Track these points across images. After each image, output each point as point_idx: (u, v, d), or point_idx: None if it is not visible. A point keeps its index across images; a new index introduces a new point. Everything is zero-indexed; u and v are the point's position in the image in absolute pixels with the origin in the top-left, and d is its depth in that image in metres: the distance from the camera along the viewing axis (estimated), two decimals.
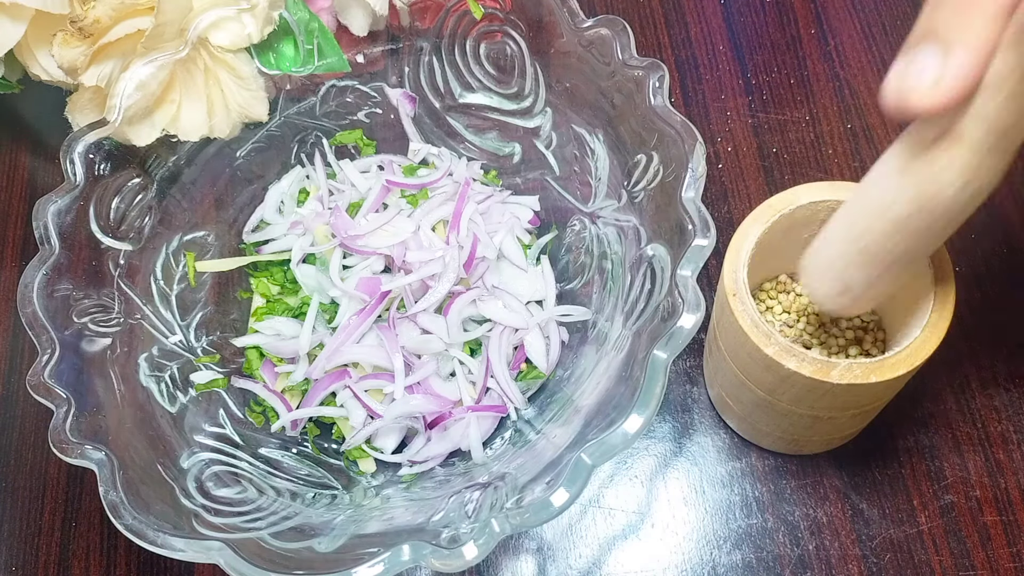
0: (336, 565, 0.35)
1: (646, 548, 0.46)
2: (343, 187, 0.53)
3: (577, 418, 0.41)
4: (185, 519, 0.38)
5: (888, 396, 0.41)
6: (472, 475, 0.43)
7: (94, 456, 0.37)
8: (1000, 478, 0.46)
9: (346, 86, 0.53)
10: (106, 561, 0.48)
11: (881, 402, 0.42)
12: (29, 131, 0.61)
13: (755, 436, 0.47)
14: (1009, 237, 0.52)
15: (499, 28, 0.49)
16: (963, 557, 0.45)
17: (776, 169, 0.55)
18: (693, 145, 0.40)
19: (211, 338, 0.49)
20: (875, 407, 0.42)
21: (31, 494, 0.50)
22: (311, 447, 0.48)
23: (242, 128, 0.50)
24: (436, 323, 0.47)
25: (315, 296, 0.50)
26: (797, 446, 0.46)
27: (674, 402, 0.49)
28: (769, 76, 0.58)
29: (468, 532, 0.35)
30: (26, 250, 0.57)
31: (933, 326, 0.37)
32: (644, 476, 0.48)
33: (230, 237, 0.52)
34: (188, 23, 0.45)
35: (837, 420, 0.41)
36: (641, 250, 0.43)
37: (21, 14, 0.49)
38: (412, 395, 0.47)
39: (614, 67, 0.43)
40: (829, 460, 0.47)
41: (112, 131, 0.44)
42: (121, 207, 0.46)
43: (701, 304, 0.37)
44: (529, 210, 0.52)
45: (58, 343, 0.40)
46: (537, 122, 0.50)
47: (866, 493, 0.46)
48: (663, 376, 0.36)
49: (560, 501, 0.35)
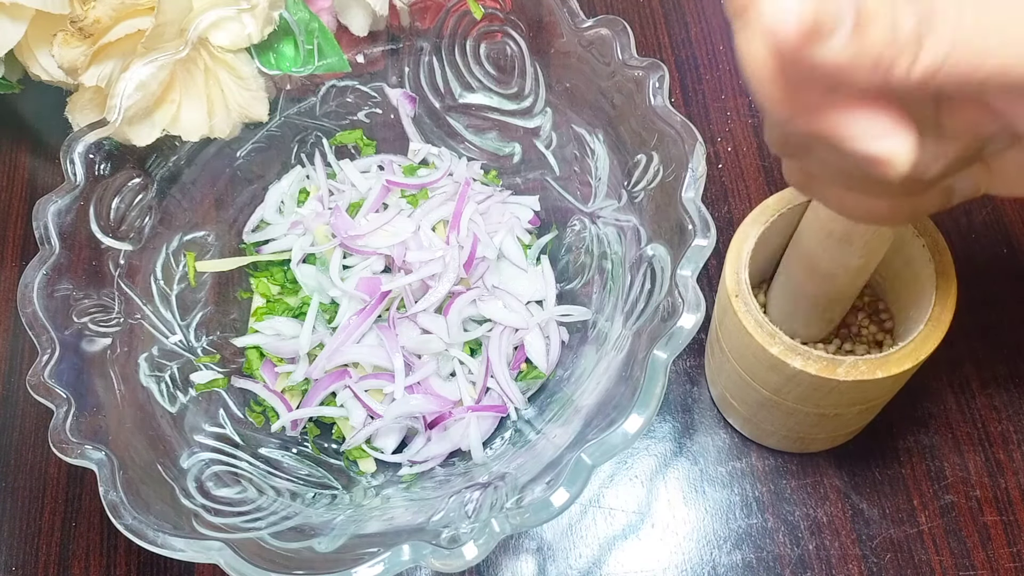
0: (336, 565, 0.35)
1: (646, 548, 0.46)
2: (343, 187, 0.53)
3: (577, 418, 0.41)
4: (185, 519, 0.38)
5: (894, 390, 0.41)
6: (472, 475, 0.44)
7: (94, 456, 0.37)
8: (1000, 478, 0.46)
9: (346, 86, 0.53)
10: (106, 561, 0.48)
11: (886, 397, 0.42)
12: (29, 131, 0.61)
13: (759, 435, 0.47)
14: (1009, 237, 0.52)
15: (499, 28, 0.49)
16: (963, 557, 0.45)
17: (776, 169, 0.55)
18: (693, 145, 0.40)
19: (211, 338, 0.49)
20: (880, 402, 0.42)
21: (31, 494, 0.50)
22: (311, 447, 0.48)
23: (242, 128, 0.50)
24: (436, 323, 0.47)
25: (315, 296, 0.50)
26: (802, 444, 0.46)
27: (674, 402, 0.49)
28: None
29: (468, 532, 0.35)
30: (26, 250, 0.57)
31: (936, 319, 0.37)
32: (644, 476, 0.48)
33: (230, 237, 0.52)
34: (188, 23, 0.45)
35: (843, 416, 0.41)
36: (641, 250, 0.43)
37: (21, 14, 0.49)
38: (412, 395, 0.47)
39: (614, 67, 0.43)
40: (829, 460, 0.47)
41: (112, 131, 0.44)
42: (121, 207, 0.46)
43: (701, 304, 0.37)
44: (529, 210, 0.52)
45: (58, 343, 0.40)
46: (537, 122, 0.50)
47: (866, 493, 0.46)
48: (663, 376, 0.36)
49: (560, 501, 0.35)
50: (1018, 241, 0.52)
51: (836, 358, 0.37)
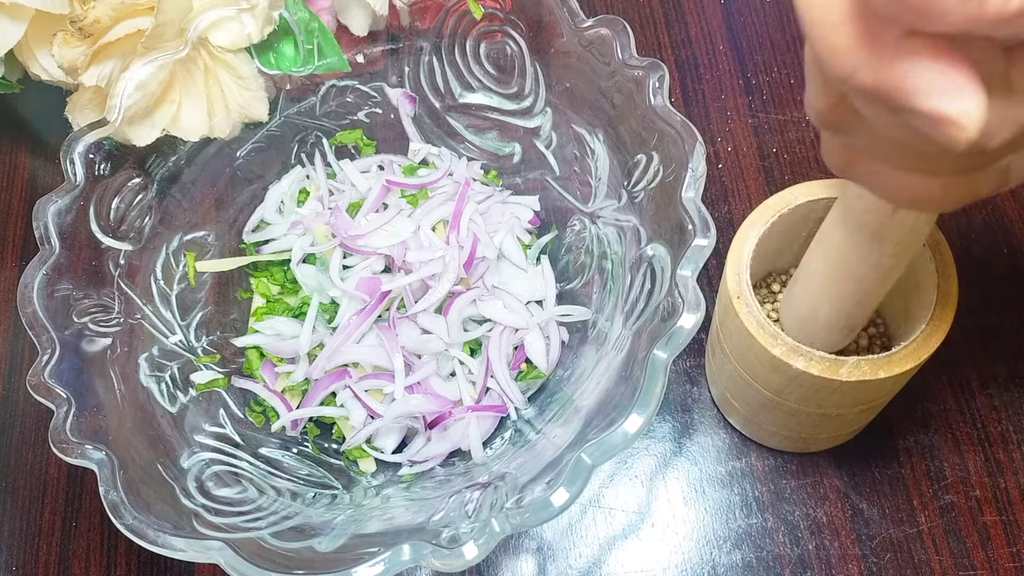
0: (336, 565, 0.35)
1: (646, 548, 0.46)
2: (343, 187, 0.53)
3: (577, 418, 0.41)
4: (185, 519, 0.38)
5: (895, 390, 0.41)
6: (472, 475, 0.44)
7: (94, 456, 0.37)
8: (1000, 478, 0.46)
9: (346, 86, 0.53)
10: (106, 561, 0.48)
11: (887, 397, 0.42)
12: (29, 131, 0.61)
13: (761, 436, 0.47)
14: (1009, 237, 0.52)
15: (499, 28, 0.49)
16: (963, 557, 0.45)
17: (776, 169, 0.55)
18: (693, 145, 0.40)
19: (211, 338, 0.49)
20: (881, 402, 0.42)
21: (31, 494, 0.50)
22: (311, 447, 0.48)
23: (242, 128, 0.50)
24: (436, 323, 0.47)
25: (315, 296, 0.50)
26: (804, 444, 0.46)
27: (674, 402, 0.49)
28: (769, 76, 0.58)
29: (468, 532, 0.35)
30: (26, 250, 0.57)
31: (938, 319, 0.37)
32: (644, 476, 0.48)
33: (230, 237, 0.52)
34: (188, 23, 0.45)
35: (844, 416, 0.41)
36: (641, 250, 0.43)
37: (21, 14, 0.49)
38: (412, 395, 0.47)
39: (614, 67, 0.43)
40: (829, 460, 0.47)
41: (112, 131, 0.44)
42: (121, 207, 0.46)
43: (701, 304, 0.37)
44: (529, 210, 0.52)
45: (58, 343, 0.40)
46: (537, 122, 0.50)
47: (866, 493, 0.46)
48: (663, 376, 0.36)
49: (560, 501, 0.35)
50: (1018, 241, 0.52)
51: (839, 359, 0.37)
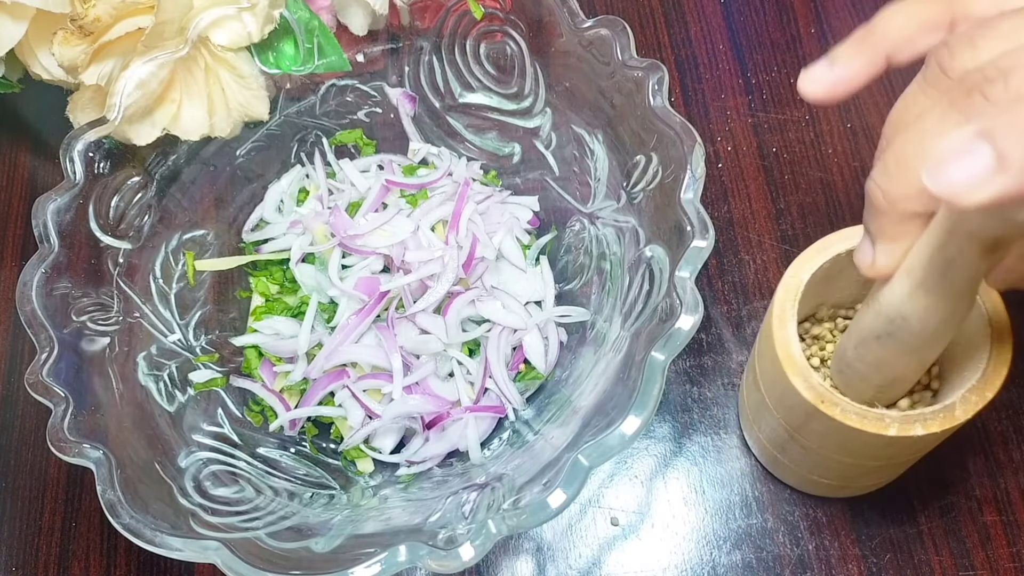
0: (333, 565, 0.35)
1: (646, 548, 0.46)
2: (343, 187, 0.53)
3: (575, 419, 0.41)
4: (183, 518, 0.38)
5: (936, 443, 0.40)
6: (470, 476, 0.44)
7: (92, 455, 0.37)
8: (1000, 478, 0.46)
9: (346, 85, 0.53)
10: (106, 561, 0.48)
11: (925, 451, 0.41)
12: (29, 131, 0.61)
13: (804, 484, 0.46)
14: None
15: (499, 28, 0.49)
16: (963, 557, 0.45)
17: (776, 168, 0.55)
18: (692, 146, 0.40)
19: (210, 337, 0.49)
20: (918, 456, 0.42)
21: (31, 494, 0.50)
22: (309, 447, 0.48)
23: (242, 127, 0.50)
24: (435, 323, 0.47)
25: (314, 296, 0.50)
26: (848, 491, 0.46)
27: (674, 402, 0.49)
28: (769, 76, 0.58)
29: (465, 533, 0.35)
30: (26, 250, 0.57)
31: (988, 384, 0.36)
32: (644, 476, 0.48)
33: (229, 236, 0.52)
34: (188, 22, 0.45)
35: (885, 468, 0.41)
36: (640, 251, 0.42)
37: (22, 13, 0.49)
38: (410, 395, 0.47)
39: (614, 67, 0.43)
40: None
41: (112, 130, 0.44)
42: (121, 206, 0.46)
43: (699, 305, 0.37)
44: (528, 210, 0.52)
45: (57, 342, 0.40)
46: (537, 122, 0.50)
47: (866, 493, 0.46)
48: (661, 377, 0.36)
49: (557, 502, 0.35)
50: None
51: (908, 414, 0.36)
